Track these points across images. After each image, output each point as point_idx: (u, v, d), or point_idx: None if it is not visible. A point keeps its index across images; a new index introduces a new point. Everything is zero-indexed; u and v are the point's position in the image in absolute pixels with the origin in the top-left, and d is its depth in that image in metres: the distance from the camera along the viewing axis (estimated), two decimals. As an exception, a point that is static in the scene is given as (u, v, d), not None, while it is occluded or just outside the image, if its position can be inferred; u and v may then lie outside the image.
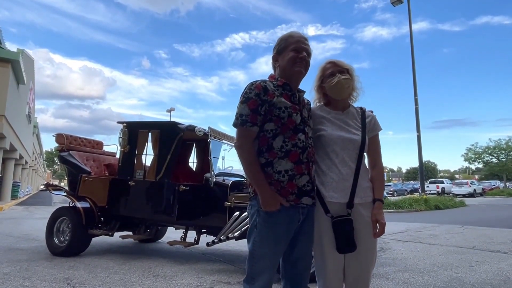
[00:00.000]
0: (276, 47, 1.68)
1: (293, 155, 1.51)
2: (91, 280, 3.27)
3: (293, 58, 1.60)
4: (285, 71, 1.63)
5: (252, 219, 1.54)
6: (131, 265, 3.97)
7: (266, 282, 1.49)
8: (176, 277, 3.47)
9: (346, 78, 1.67)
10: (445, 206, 14.51)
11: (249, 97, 1.50)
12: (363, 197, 1.62)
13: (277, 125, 1.52)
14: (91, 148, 5.44)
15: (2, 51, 11.99)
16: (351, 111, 1.75)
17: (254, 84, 1.53)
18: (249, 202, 1.61)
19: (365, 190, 1.64)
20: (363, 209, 1.62)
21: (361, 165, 1.63)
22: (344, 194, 1.59)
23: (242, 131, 1.51)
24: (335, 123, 1.69)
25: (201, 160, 5.33)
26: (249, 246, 1.52)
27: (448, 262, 4.23)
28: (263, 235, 1.49)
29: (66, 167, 5.01)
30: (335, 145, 1.64)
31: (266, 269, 1.49)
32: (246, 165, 1.50)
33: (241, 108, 1.51)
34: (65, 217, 4.57)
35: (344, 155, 1.63)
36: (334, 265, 1.61)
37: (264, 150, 1.53)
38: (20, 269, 3.66)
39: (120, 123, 4.81)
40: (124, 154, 4.69)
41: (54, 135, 5.15)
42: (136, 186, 4.49)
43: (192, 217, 4.26)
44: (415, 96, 15.58)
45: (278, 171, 1.50)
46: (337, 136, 1.65)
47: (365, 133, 1.68)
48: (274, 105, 1.51)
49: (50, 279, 3.30)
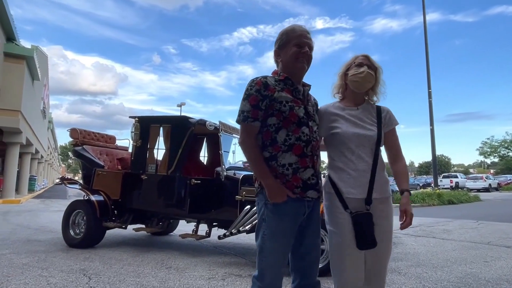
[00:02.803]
0: (277, 41, 1.66)
1: (297, 148, 1.53)
2: (106, 271, 3.35)
3: (296, 53, 1.59)
4: (288, 66, 1.62)
5: (260, 213, 1.55)
6: (144, 257, 4.04)
7: (276, 276, 1.51)
8: (188, 269, 3.52)
9: (371, 73, 1.68)
10: (459, 201, 14.26)
11: (250, 93, 1.53)
12: (381, 192, 1.62)
13: (279, 119, 1.53)
14: (104, 143, 5.53)
15: (17, 48, 12.23)
16: (365, 107, 1.73)
17: (255, 81, 1.56)
18: (256, 198, 1.62)
19: (383, 185, 1.63)
20: (381, 204, 1.62)
21: (377, 161, 1.62)
22: (362, 190, 1.59)
23: (244, 126, 1.55)
24: (350, 120, 1.68)
25: (212, 154, 5.35)
26: (258, 241, 1.54)
27: (462, 257, 4.17)
28: (272, 227, 1.50)
29: (81, 161, 5.11)
30: (350, 142, 1.63)
31: (276, 263, 1.51)
32: (250, 159, 1.55)
33: (243, 105, 1.55)
34: (80, 210, 4.68)
35: (360, 151, 1.62)
36: (353, 262, 1.58)
37: (268, 144, 1.55)
38: (38, 259, 3.78)
39: (132, 118, 4.87)
40: (136, 148, 4.75)
41: (68, 130, 5.25)
42: (149, 179, 4.56)
43: (203, 210, 4.30)
44: (428, 89, 15.26)
45: (282, 165, 1.52)
46: (352, 133, 1.64)
47: (381, 128, 1.67)
48: (275, 99, 1.53)
49: (67, 269, 3.39)
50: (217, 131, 4.40)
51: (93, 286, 2.89)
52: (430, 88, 15.29)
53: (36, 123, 17.46)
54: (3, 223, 6.88)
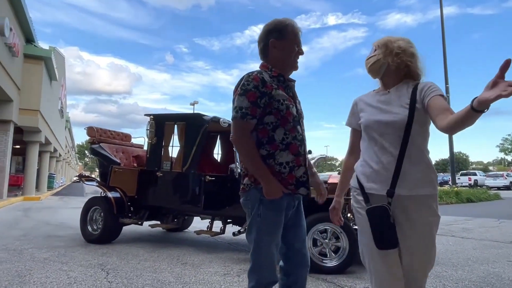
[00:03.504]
0: (274, 32, 1.59)
1: (293, 148, 1.55)
2: (123, 267, 3.40)
3: (297, 54, 1.62)
4: (284, 62, 1.61)
5: (254, 209, 1.54)
6: (160, 253, 4.09)
7: (273, 268, 1.56)
8: (204, 265, 3.54)
9: (377, 61, 1.50)
10: (478, 199, 13.85)
11: (247, 89, 1.48)
12: (411, 189, 1.35)
13: (277, 117, 1.53)
14: (120, 141, 5.62)
15: (36, 49, 12.57)
16: (399, 88, 1.48)
17: (251, 76, 1.51)
18: (245, 194, 1.60)
19: (417, 181, 1.36)
20: (412, 203, 1.36)
21: (406, 150, 1.37)
22: (385, 185, 1.38)
23: (242, 124, 1.50)
24: (376, 106, 1.49)
25: (225, 151, 5.37)
26: (253, 236, 1.55)
27: (484, 256, 4.04)
28: (268, 222, 1.52)
29: (98, 158, 5.21)
30: (373, 132, 1.46)
31: (273, 255, 1.55)
32: (247, 157, 1.51)
33: (240, 100, 1.49)
34: (97, 207, 4.78)
35: (384, 141, 1.42)
36: (380, 262, 1.39)
37: (264, 142, 1.54)
38: (58, 254, 3.88)
39: (147, 116, 4.93)
40: (151, 146, 4.81)
41: (85, 128, 5.36)
42: (164, 176, 4.60)
43: (218, 207, 4.32)
44: (446, 84, 14.86)
45: (280, 163, 1.53)
46: (374, 121, 1.45)
47: (413, 109, 1.37)
48: (273, 97, 1.51)
49: (86, 264, 3.47)
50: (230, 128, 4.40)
51: (111, 280, 2.95)
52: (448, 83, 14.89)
53: (54, 122, 17.94)
54: (25, 219, 7.11)
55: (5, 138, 10.95)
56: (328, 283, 3.03)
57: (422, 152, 1.40)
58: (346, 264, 3.33)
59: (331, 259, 3.37)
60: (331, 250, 3.41)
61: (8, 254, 3.81)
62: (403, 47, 1.48)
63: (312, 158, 4.40)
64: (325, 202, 3.76)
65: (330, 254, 3.40)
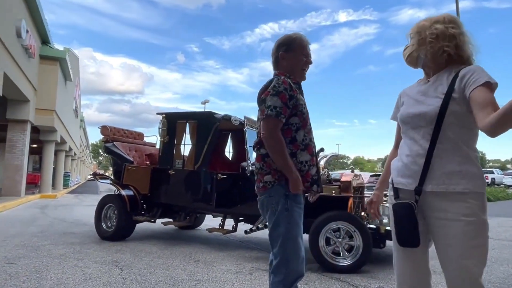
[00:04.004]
0: (283, 45, 1.75)
1: (310, 148, 1.71)
2: (137, 264, 3.44)
3: (305, 63, 1.76)
4: (294, 72, 1.75)
5: (280, 204, 1.61)
6: (172, 250, 4.13)
7: (301, 260, 1.61)
8: (216, 263, 3.55)
9: (406, 48, 1.44)
10: (496, 198, 13.49)
11: (279, 90, 1.60)
12: (440, 185, 1.24)
13: (300, 119, 1.67)
14: (133, 139, 5.69)
15: (51, 50, 12.86)
16: (441, 75, 1.35)
17: (281, 79, 1.64)
18: (267, 192, 1.65)
19: (450, 176, 1.23)
20: (441, 200, 1.25)
21: (436, 144, 1.26)
22: (412, 180, 1.30)
23: (276, 122, 1.60)
24: (413, 98, 1.40)
25: (237, 149, 5.36)
26: (281, 230, 1.60)
27: (503, 257, 3.92)
28: (295, 215, 1.61)
29: (111, 157, 5.29)
30: (406, 125, 1.39)
31: (300, 248, 1.62)
32: (279, 153, 1.60)
33: (274, 100, 1.60)
34: (111, 204, 4.85)
35: (416, 134, 1.33)
36: (401, 259, 1.36)
37: (288, 142, 1.65)
38: (74, 251, 3.95)
39: (159, 114, 4.97)
40: (164, 144, 4.84)
41: (99, 127, 5.44)
42: (176, 174, 4.64)
43: (229, 205, 4.32)
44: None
45: (301, 161, 1.67)
46: (406, 114, 1.38)
47: (447, 100, 1.25)
48: (298, 100, 1.66)
49: (100, 261, 3.52)
50: (242, 126, 4.40)
51: (125, 277, 2.98)
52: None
53: (69, 122, 18.33)
54: (42, 216, 7.29)
55: (22, 138, 11.25)
56: (341, 282, 2.99)
57: (458, 146, 1.25)
58: (360, 264, 3.28)
59: (345, 258, 3.33)
60: (344, 249, 3.36)
61: (26, 250, 3.91)
62: (439, 31, 1.32)
63: (324, 156, 4.34)
64: (337, 201, 3.73)
65: (343, 253, 3.35)
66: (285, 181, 1.61)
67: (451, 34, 1.31)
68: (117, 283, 2.81)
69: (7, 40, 8.25)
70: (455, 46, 1.31)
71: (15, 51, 9.03)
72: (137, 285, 2.78)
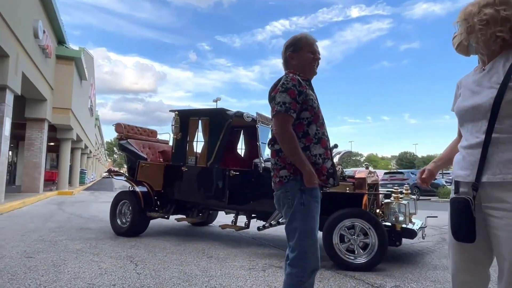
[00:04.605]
0: (291, 46, 1.82)
1: (323, 142, 1.73)
2: (151, 259, 3.48)
3: (312, 60, 1.80)
4: (302, 70, 1.80)
5: (296, 199, 1.63)
6: (186, 246, 4.15)
7: (317, 253, 1.64)
8: (229, 259, 3.55)
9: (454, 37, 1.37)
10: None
11: (288, 87, 1.65)
12: (498, 175, 1.19)
13: (311, 113, 1.70)
14: (146, 137, 5.75)
15: (67, 50, 13.14)
16: (496, 63, 1.26)
17: (289, 77, 1.69)
18: (283, 187, 1.68)
19: (507, 165, 1.17)
20: (497, 190, 1.19)
21: (492, 135, 1.22)
22: (470, 171, 1.27)
23: (286, 117, 1.63)
24: (469, 88, 1.34)
25: (249, 146, 5.35)
26: (298, 224, 1.62)
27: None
28: (311, 209, 1.64)
29: (125, 154, 5.36)
30: (462, 118, 1.34)
31: (316, 241, 1.65)
32: (291, 148, 1.62)
33: (283, 96, 1.64)
34: (126, 201, 4.92)
35: (472, 126, 1.29)
36: (455, 254, 1.34)
37: (300, 136, 1.68)
38: (90, 246, 4.03)
39: (172, 112, 5.00)
40: (177, 141, 4.88)
41: (113, 124, 5.52)
42: (189, 171, 4.66)
43: (242, 201, 4.32)
44: (480, 75, 14.03)
45: (314, 154, 1.69)
46: (462, 107, 1.33)
47: (504, 88, 1.19)
48: (307, 95, 1.70)
49: (115, 256, 3.57)
50: (254, 122, 4.38)
51: (139, 272, 3.02)
52: (482, 73, 14.06)
53: (85, 120, 18.72)
54: (59, 212, 7.47)
55: (40, 136, 11.55)
56: (356, 280, 2.94)
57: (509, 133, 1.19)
58: (375, 261, 3.22)
59: (360, 256, 3.28)
60: (359, 247, 3.31)
61: (45, 245, 4.01)
62: (489, 17, 1.22)
63: (338, 152, 4.28)
64: (351, 197, 3.68)
65: (358, 251, 3.30)
66: (300, 176, 1.63)
67: (503, 17, 1.21)
68: (132, 278, 2.84)
69: (25, 41, 8.47)
70: (509, 29, 1.21)
71: (33, 51, 9.26)
72: (151, 280, 2.81)
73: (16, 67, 7.78)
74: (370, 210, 3.70)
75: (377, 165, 75.38)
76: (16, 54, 7.75)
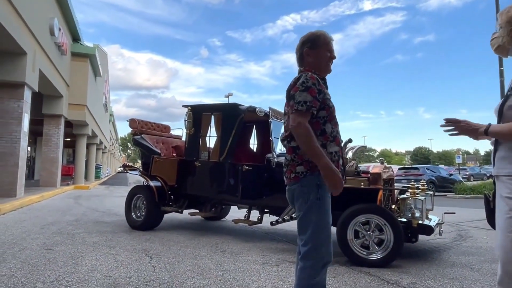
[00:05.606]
0: (307, 42, 1.81)
1: (337, 140, 1.77)
2: (165, 252, 3.52)
3: (329, 59, 1.81)
4: (318, 68, 1.80)
5: (312, 194, 1.66)
6: (199, 240, 4.19)
7: (331, 247, 1.68)
8: (242, 254, 3.56)
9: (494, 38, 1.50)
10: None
11: (308, 86, 1.65)
12: (496, 169, 1.45)
13: (328, 112, 1.72)
14: (160, 132, 5.80)
15: (81, 47, 13.37)
16: None
17: (309, 75, 1.69)
18: (299, 182, 1.69)
19: (500, 161, 1.42)
20: (498, 182, 1.44)
21: None
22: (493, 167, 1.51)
23: (306, 115, 1.64)
24: None
25: (261, 141, 5.33)
26: (313, 218, 1.65)
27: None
28: (326, 204, 1.67)
29: (139, 149, 5.43)
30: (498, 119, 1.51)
31: (330, 234, 1.67)
32: (308, 142, 1.62)
33: (304, 95, 1.65)
34: (140, 195, 4.99)
35: None
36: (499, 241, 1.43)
37: (318, 134, 1.70)
38: (105, 239, 4.11)
39: (185, 107, 5.02)
40: (189, 136, 4.90)
41: (127, 120, 5.59)
42: (202, 166, 4.68)
43: (255, 196, 4.31)
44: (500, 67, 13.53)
45: (331, 152, 1.71)
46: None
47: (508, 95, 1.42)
48: (325, 94, 1.72)
49: (131, 249, 3.64)
50: (267, 117, 4.35)
51: (154, 265, 3.06)
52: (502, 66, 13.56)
53: (99, 116, 19.06)
54: (76, 206, 7.66)
55: (57, 132, 11.84)
56: (371, 276, 2.90)
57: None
58: (391, 258, 3.17)
59: (375, 252, 3.23)
60: (374, 243, 3.26)
61: (63, 238, 4.12)
62: None
63: (352, 147, 4.22)
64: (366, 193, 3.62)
65: (373, 247, 3.25)
66: (318, 172, 1.64)
67: None
68: (147, 271, 2.89)
69: (42, 38, 8.64)
70: None
71: (49, 48, 9.45)
72: (166, 273, 2.84)
73: (33, 64, 7.96)
74: (385, 206, 3.64)
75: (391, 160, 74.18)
76: (33, 51, 7.93)
